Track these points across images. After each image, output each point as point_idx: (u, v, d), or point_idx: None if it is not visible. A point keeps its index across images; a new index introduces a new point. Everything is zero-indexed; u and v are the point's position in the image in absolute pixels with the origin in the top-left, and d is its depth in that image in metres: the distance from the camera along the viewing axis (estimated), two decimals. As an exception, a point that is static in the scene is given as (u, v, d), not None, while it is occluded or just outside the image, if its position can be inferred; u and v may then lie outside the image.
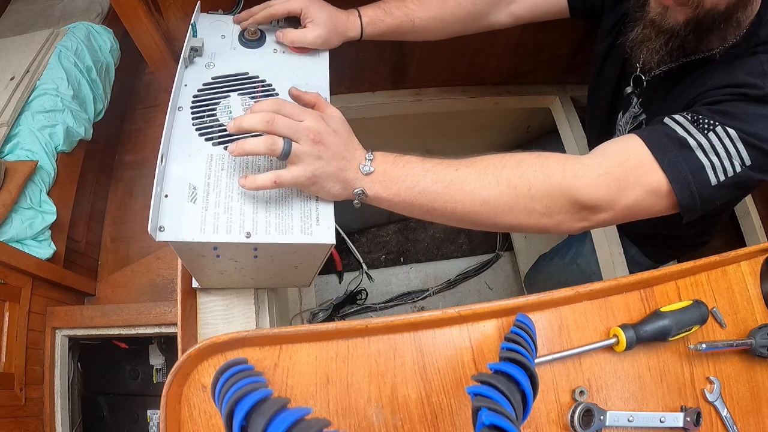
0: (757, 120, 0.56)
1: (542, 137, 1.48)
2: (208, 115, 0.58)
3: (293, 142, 0.51)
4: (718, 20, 0.58)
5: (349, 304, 1.74)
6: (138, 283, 1.63)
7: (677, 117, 0.59)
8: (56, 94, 1.57)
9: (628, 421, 0.54)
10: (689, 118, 0.58)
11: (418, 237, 1.97)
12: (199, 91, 0.60)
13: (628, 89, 0.79)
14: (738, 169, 0.56)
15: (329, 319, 1.67)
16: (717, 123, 0.56)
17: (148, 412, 1.55)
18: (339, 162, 0.53)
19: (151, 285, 1.62)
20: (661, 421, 0.55)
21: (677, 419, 0.55)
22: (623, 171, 0.55)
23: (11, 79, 1.55)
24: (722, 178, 0.56)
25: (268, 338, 0.50)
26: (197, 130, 0.57)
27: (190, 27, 0.63)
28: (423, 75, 1.23)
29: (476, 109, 1.35)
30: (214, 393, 0.43)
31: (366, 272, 1.77)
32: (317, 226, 0.53)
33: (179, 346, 0.61)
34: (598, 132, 0.92)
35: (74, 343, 1.51)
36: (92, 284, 1.65)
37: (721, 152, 0.55)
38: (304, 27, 0.67)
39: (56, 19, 1.90)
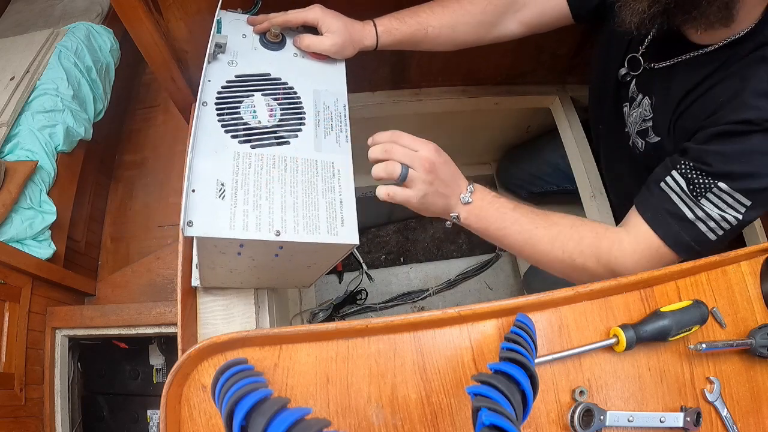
0: (755, 157, 0.59)
1: (542, 137, 1.48)
2: (233, 113, 0.59)
3: (410, 169, 0.60)
4: None
5: (349, 304, 1.74)
6: (138, 283, 1.63)
7: (672, 183, 0.64)
8: (56, 94, 1.57)
9: (628, 421, 0.54)
10: (685, 183, 0.63)
11: (418, 237, 1.96)
12: (223, 87, 0.60)
13: (623, 70, 0.80)
14: (740, 217, 0.61)
15: (329, 319, 1.67)
16: (712, 184, 0.61)
17: (148, 412, 1.55)
18: (446, 189, 0.63)
19: (151, 285, 1.62)
20: (661, 421, 0.55)
21: (677, 419, 0.55)
22: (646, 259, 0.66)
23: (11, 79, 1.55)
24: (721, 233, 0.63)
25: (268, 338, 0.50)
26: (222, 126, 0.57)
27: (215, 23, 0.63)
28: (423, 75, 1.23)
29: (476, 109, 1.35)
30: (214, 393, 0.43)
31: (366, 272, 1.77)
32: (342, 227, 0.55)
33: (179, 346, 0.61)
34: (608, 125, 0.91)
35: (74, 343, 1.50)
36: (92, 284, 1.65)
37: (716, 217, 0.62)
38: (321, 35, 0.69)
39: (56, 19, 1.90)
